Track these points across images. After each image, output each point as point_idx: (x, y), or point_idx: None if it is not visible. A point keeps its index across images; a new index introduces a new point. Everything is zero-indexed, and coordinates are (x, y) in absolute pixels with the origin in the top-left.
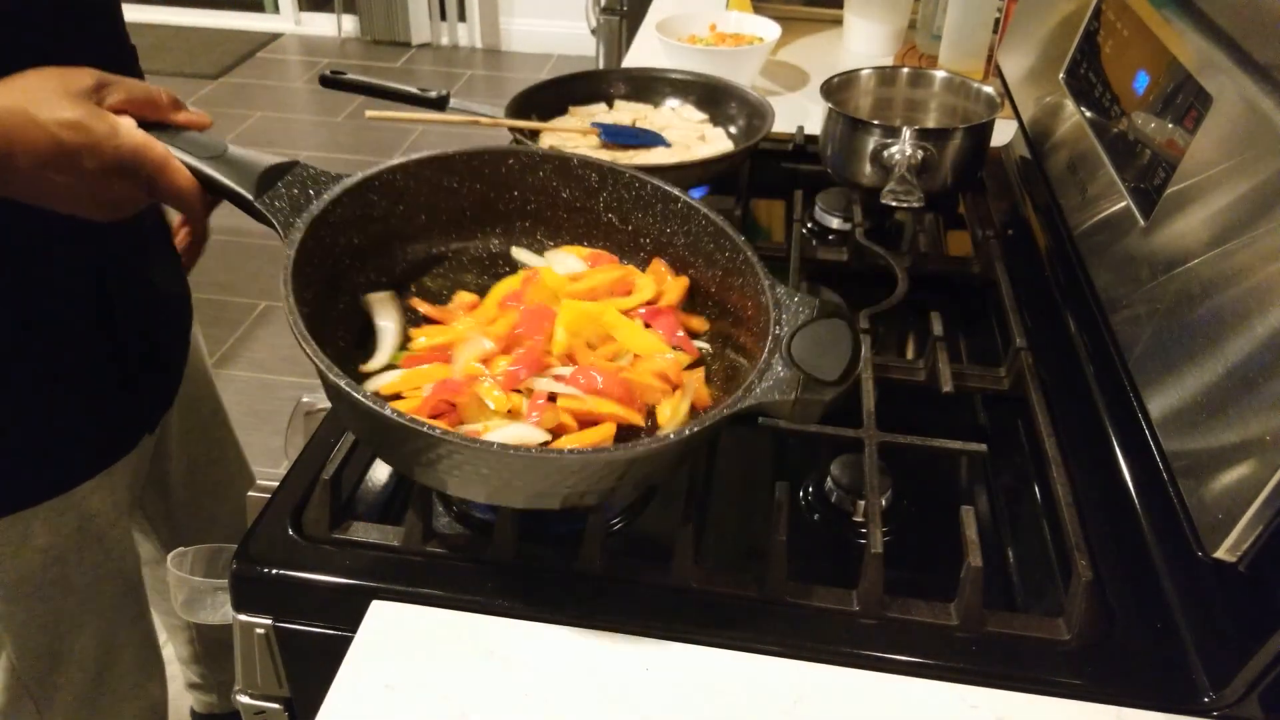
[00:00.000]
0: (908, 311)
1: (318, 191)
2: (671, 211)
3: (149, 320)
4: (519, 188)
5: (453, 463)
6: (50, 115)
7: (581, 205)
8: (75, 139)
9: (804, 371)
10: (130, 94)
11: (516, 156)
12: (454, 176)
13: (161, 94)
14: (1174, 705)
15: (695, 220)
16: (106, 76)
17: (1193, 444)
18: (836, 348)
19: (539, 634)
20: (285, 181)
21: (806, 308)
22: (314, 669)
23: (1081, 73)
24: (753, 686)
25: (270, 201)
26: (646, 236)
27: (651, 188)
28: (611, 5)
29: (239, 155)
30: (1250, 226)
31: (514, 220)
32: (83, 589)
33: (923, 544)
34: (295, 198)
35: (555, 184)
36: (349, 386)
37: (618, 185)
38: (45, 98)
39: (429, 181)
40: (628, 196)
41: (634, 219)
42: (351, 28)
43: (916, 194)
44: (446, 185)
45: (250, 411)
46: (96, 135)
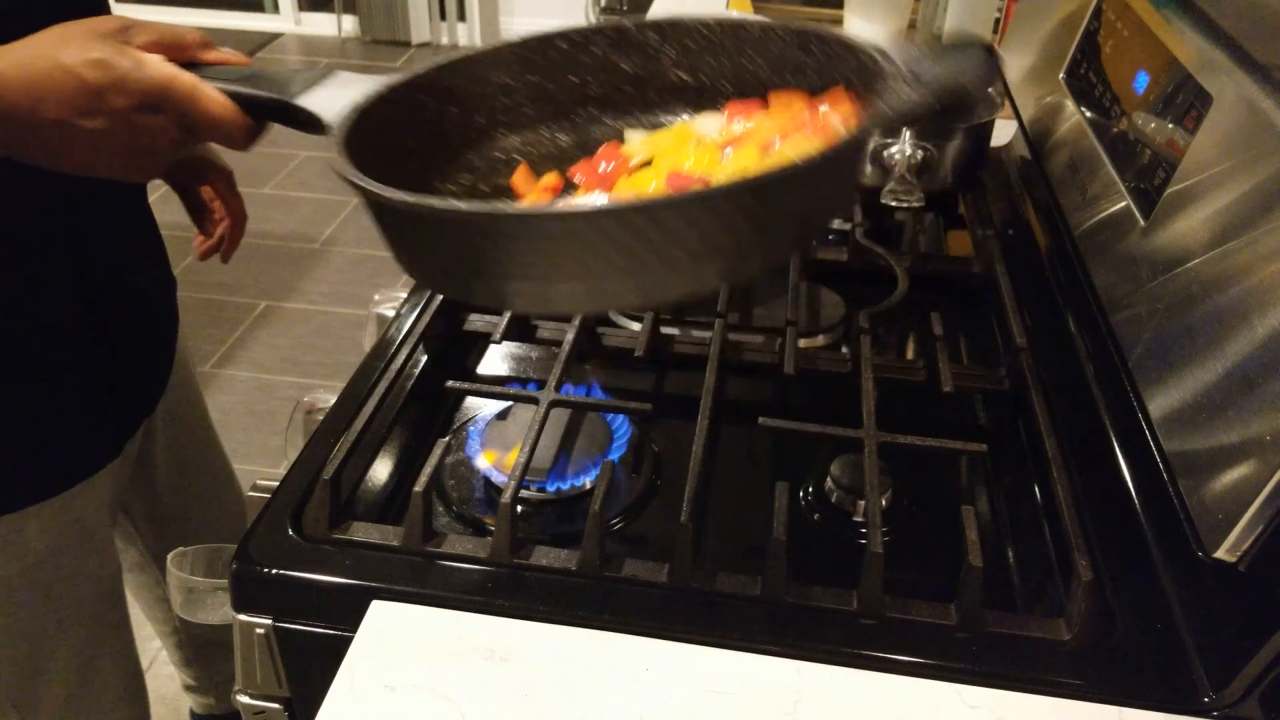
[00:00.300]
0: (908, 311)
1: (361, 90)
2: (745, 41)
3: (145, 321)
4: (575, 71)
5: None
6: (74, 57)
7: (648, 74)
8: (101, 76)
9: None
10: (158, 35)
11: (566, 37)
12: (503, 71)
13: (189, 33)
14: (1174, 705)
15: (773, 40)
16: (132, 20)
17: (1193, 444)
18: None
19: (539, 634)
20: (324, 84)
21: (925, 49)
22: (314, 669)
23: (1081, 73)
24: (753, 686)
25: (308, 99)
26: (725, 79)
27: (720, 24)
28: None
29: (270, 72)
30: (1250, 226)
31: (576, 108)
32: (66, 596)
33: (923, 544)
34: (337, 95)
35: (614, 58)
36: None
37: (681, 37)
38: (69, 41)
39: (479, 79)
40: (694, 45)
41: (706, 67)
42: (351, 28)
43: (916, 194)
44: (498, 81)
45: (250, 411)
46: (121, 69)
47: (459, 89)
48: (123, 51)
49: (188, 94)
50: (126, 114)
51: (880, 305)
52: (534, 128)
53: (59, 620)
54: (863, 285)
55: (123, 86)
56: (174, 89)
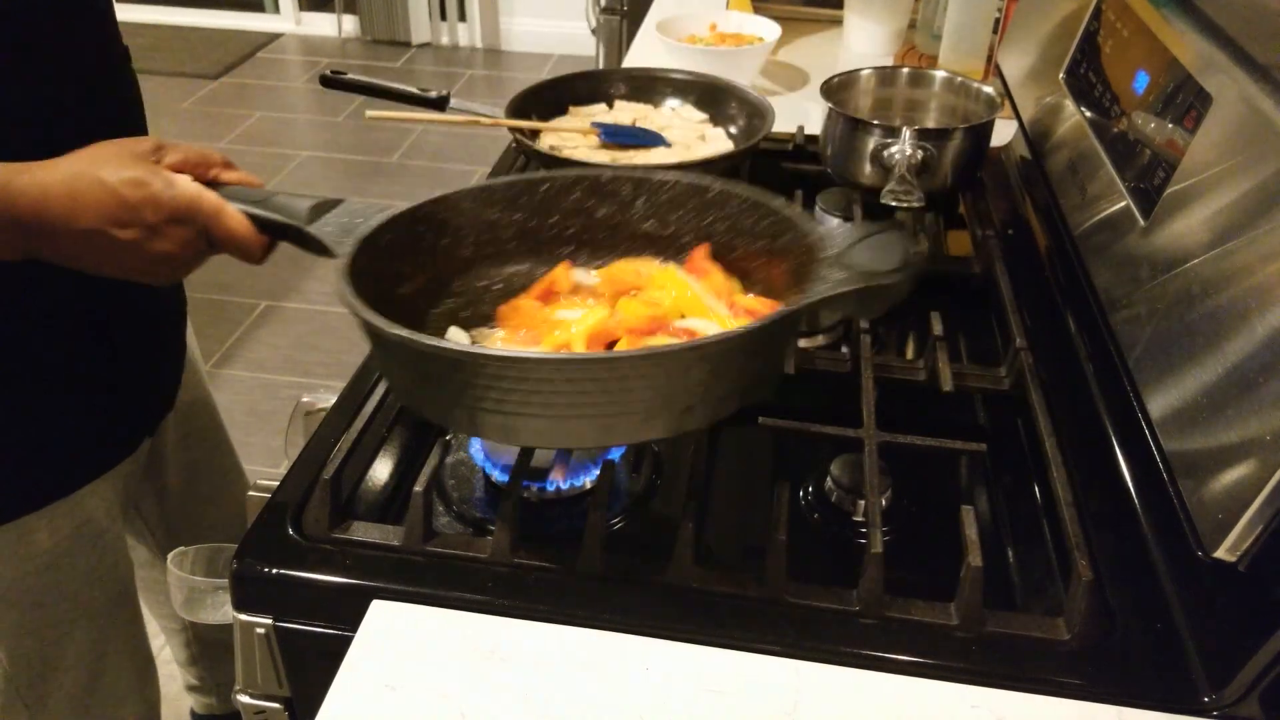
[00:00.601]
0: (908, 311)
1: (366, 218)
2: (706, 202)
3: (146, 321)
4: (557, 212)
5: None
6: (113, 175)
7: (619, 220)
8: (136, 194)
9: (857, 270)
10: (185, 155)
11: (550, 181)
12: (494, 208)
13: (212, 154)
14: (1174, 705)
15: (730, 203)
16: (163, 141)
17: (1193, 444)
18: (890, 250)
19: (539, 634)
20: (334, 212)
21: (857, 229)
22: (314, 668)
23: (1081, 73)
24: (753, 686)
25: (320, 227)
26: (688, 234)
27: (683, 185)
28: (612, 5)
29: (284, 198)
30: (1250, 226)
31: (557, 246)
32: (77, 594)
33: (923, 544)
34: (345, 225)
35: (591, 203)
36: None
37: (650, 191)
38: (109, 160)
39: (470, 213)
40: (662, 199)
41: (672, 220)
42: (352, 28)
43: (916, 194)
44: (488, 218)
45: (250, 411)
46: (154, 189)
47: (452, 222)
48: (155, 172)
49: (213, 213)
50: (157, 227)
51: None
52: (516, 261)
53: (70, 619)
54: None
55: (156, 203)
56: (200, 207)
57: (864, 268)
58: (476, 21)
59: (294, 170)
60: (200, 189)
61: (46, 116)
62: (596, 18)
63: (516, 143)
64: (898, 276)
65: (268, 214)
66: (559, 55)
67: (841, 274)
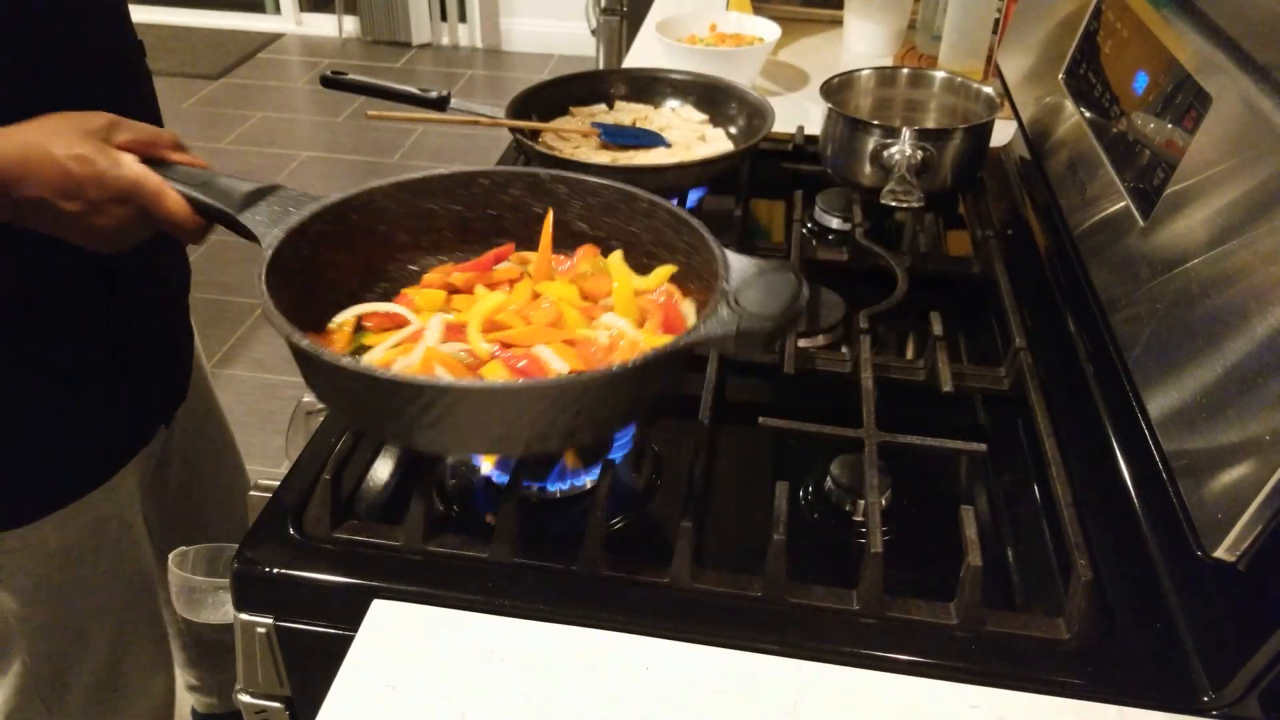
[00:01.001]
0: (908, 311)
1: (298, 209)
2: (636, 211)
3: (156, 311)
4: (494, 206)
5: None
6: (63, 149)
7: (556, 218)
8: (81, 170)
9: (743, 310)
10: (136, 134)
11: (489, 176)
12: (431, 198)
13: (164, 135)
14: (1174, 705)
15: (657, 214)
16: (117, 119)
17: (1192, 444)
18: (779, 293)
19: (539, 634)
20: (268, 200)
21: (755, 266)
22: (315, 668)
23: (1081, 73)
24: (753, 686)
25: (251, 215)
26: (615, 238)
27: (614, 191)
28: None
29: (225, 182)
30: (1250, 226)
31: (491, 237)
32: (98, 590)
33: (923, 544)
34: (276, 214)
35: (528, 200)
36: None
37: (585, 194)
38: (61, 134)
39: (407, 203)
40: (595, 203)
41: (604, 223)
42: (352, 28)
43: (916, 194)
44: (425, 207)
45: (251, 411)
46: (100, 167)
47: (388, 210)
48: (103, 150)
49: (153, 194)
50: (99, 204)
51: (880, 305)
52: (449, 250)
53: (90, 619)
54: (863, 285)
55: (99, 181)
56: (142, 189)
57: (748, 309)
58: (477, 22)
59: (295, 170)
60: (144, 171)
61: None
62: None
63: (517, 143)
64: (771, 324)
65: (203, 198)
66: (559, 55)
67: (726, 312)
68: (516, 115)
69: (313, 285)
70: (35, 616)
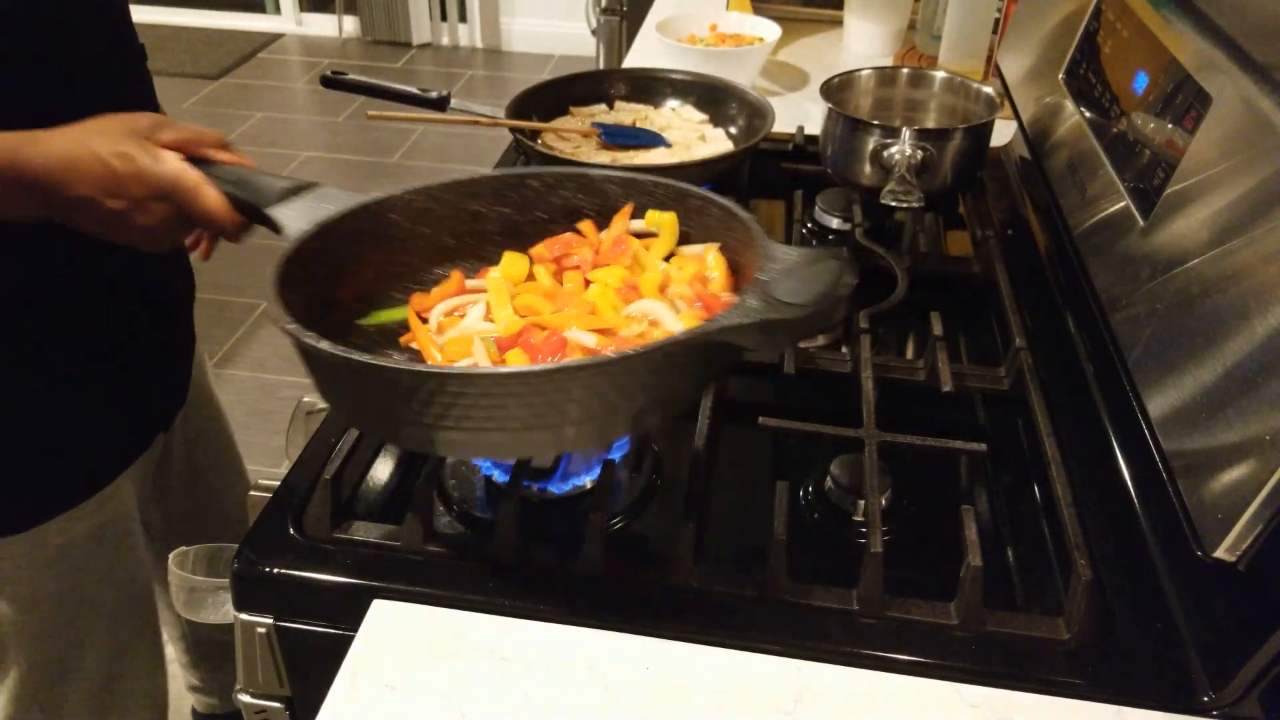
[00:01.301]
0: (908, 311)
1: (335, 205)
2: (689, 208)
3: (160, 314)
4: (543, 208)
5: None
6: (107, 148)
7: (605, 219)
8: (124, 167)
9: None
10: (180, 133)
11: (540, 178)
12: (479, 200)
13: (208, 134)
14: (1174, 705)
15: (709, 211)
16: (163, 119)
17: (1192, 444)
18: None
19: (539, 634)
20: (304, 196)
21: (800, 255)
22: (315, 668)
23: (1081, 73)
24: (753, 686)
25: (281, 209)
26: None
27: (667, 188)
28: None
29: (264, 179)
30: (1250, 226)
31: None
32: (94, 597)
33: (923, 544)
34: (310, 209)
35: (579, 201)
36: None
37: (639, 193)
38: (106, 133)
39: (453, 205)
40: (650, 202)
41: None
42: (352, 28)
43: (916, 194)
44: (472, 209)
45: (251, 411)
46: (141, 163)
47: (432, 212)
48: (145, 148)
49: (191, 190)
50: (141, 201)
51: (880, 305)
52: (497, 253)
53: (87, 625)
54: (863, 285)
55: (140, 178)
56: (180, 184)
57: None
58: (477, 22)
59: (295, 171)
60: (183, 167)
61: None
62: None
63: (517, 143)
64: (798, 313)
65: (241, 194)
66: (559, 55)
67: (753, 302)
68: (516, 115)
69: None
70: (31, 623)
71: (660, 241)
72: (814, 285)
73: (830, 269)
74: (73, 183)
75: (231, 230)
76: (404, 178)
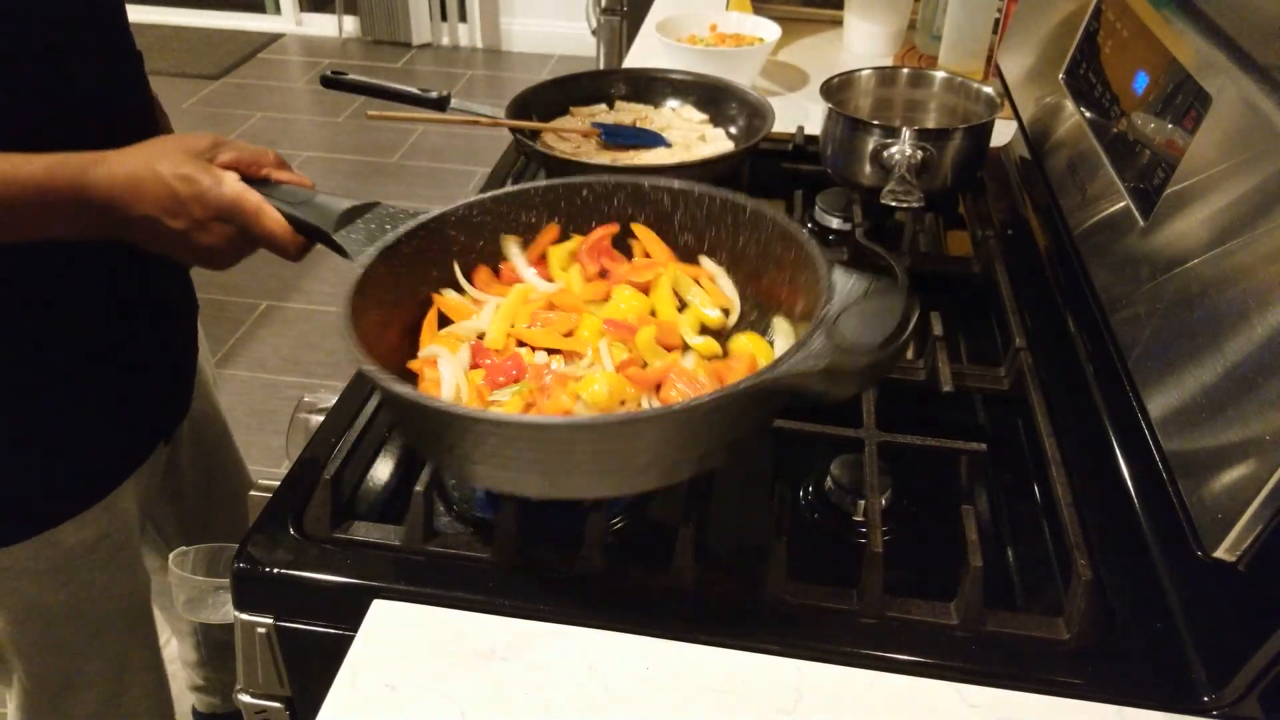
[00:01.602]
0: None
1: (395, 225)
2: (741, 222)
3: (160, 327)
4: (595, 218)
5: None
6: (170, 169)
7: (658, 229)
8: (186, 189)
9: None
10: (239, 154)
11: (590, 187)
12: (532, 211)
13: (266, 154)
14: (1174, 705)
15: (763, 226)
16: (220, 139)
17: (1193, 444)
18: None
19: (539, 634)
20: (365, 218)
21: (861, 285)
22: (315, 668)
23: (1081, 73)
24: (753, 686)
25: (347, 234)
26: (722, 249)
27: (721, 201)
28: (612, 6)
29: (323, 199)
30: (1250, 226)
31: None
32: (94, 611)
33: (923, 544)
34: (372, 231)
35: (630, 210)
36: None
37: (689, 204)
38: (168, 155)
39: (507, 217)
40: (700, 214)
41: (709, 235)
42: (352, 28)
43: (916, 194)
44: (525, 220)
45: (251, 411)
46: (202, 186)
47: (488, 225)
48: (207, 169)
49: (252, 212)
50: (203, 221)
51: None
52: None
53: (91, 635)
54: None
55: (202, 199)
56: (242, 207)
57: (845, 341)
58: (477, 22)
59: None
60: (244, 189)
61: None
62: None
63: (517, 143)
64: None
65: (301, 216)
66: (559, 55)
67: (819, 344)
68: (516, 115)
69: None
70: (31, 635)
71: None
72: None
73: (894, 304)
74: (136, 203)
75: (292, 251)
76: (404, 178)
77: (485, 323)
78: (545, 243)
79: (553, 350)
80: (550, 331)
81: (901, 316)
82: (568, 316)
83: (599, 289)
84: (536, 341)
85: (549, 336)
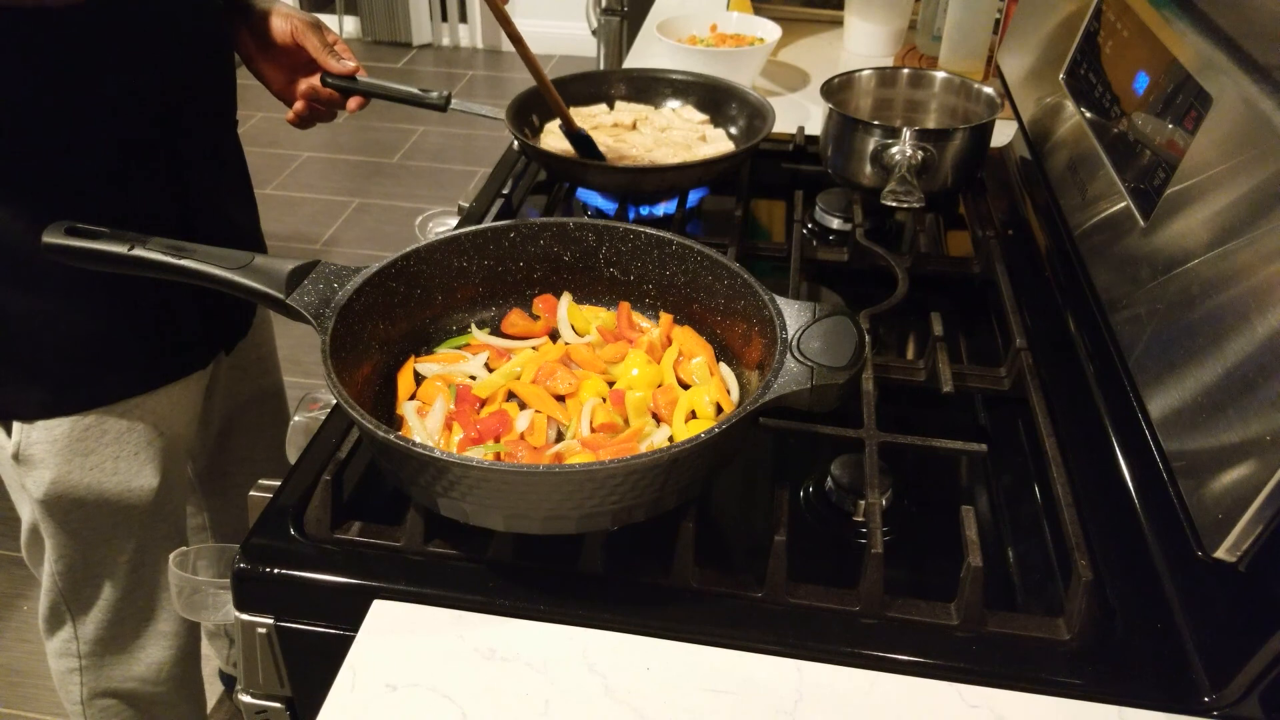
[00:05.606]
0: (908, 311)
1: (340, 284)
2: (668, 254)
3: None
4: (523, 258)
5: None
6: None
7: (584, 265)
8: None
9: (815, 363)
10: None
11: (517, 230)
12: (462, 256)
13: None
14: (1174, 705)
15: (691, 258)
16: None
17: (1193, 444)
18: (841, 340)
19: (539, 634)
20: (310, 279)
21: (808, 311)
22: (315, 668)
23: (1081, 73)
24: (753, 686)
25: (300, 298)
26: (649, 282)
27: (645, 236)
28: (612, 6)
29: (264, 262)
30: (1250, 226)
31: (524, 289)
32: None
33: (923, 544)
34: (321, 291)
35: (556, 249)
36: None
37: (614, 239)
38: None
39: (440, 264)
40: (624, 249)
41: (634, 268)
42: (353, 28)
43: (916, 194)
44: (457, 265)
45: None
46: None
47: (423, 273)
48: None
49: None
50: None
51: (880, 305)
52: (485, 304)
53: (113, 525)
54: (863, 285)
55: None
56: None
57: (818, 360)
58: (477, 22)
59: (295, 171)
60: None
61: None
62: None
63: (518, 143)
64: (845, 376)
65: (249, 282)
66: (559, 56)
67: (796, 366)
68: (517, 115)
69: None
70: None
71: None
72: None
73: (846, 326)
74: None
75: None
76: (404, 178)
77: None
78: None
79: None
80: (543, 393)
81: (858, 336)
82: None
83: (619, 350)
84: (529, 400)
85: (541, 398)
